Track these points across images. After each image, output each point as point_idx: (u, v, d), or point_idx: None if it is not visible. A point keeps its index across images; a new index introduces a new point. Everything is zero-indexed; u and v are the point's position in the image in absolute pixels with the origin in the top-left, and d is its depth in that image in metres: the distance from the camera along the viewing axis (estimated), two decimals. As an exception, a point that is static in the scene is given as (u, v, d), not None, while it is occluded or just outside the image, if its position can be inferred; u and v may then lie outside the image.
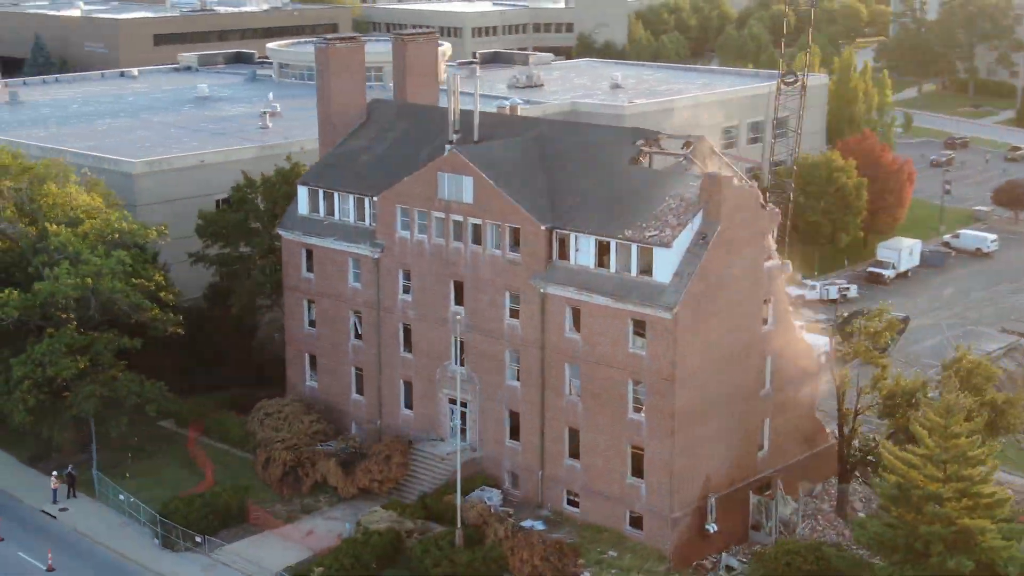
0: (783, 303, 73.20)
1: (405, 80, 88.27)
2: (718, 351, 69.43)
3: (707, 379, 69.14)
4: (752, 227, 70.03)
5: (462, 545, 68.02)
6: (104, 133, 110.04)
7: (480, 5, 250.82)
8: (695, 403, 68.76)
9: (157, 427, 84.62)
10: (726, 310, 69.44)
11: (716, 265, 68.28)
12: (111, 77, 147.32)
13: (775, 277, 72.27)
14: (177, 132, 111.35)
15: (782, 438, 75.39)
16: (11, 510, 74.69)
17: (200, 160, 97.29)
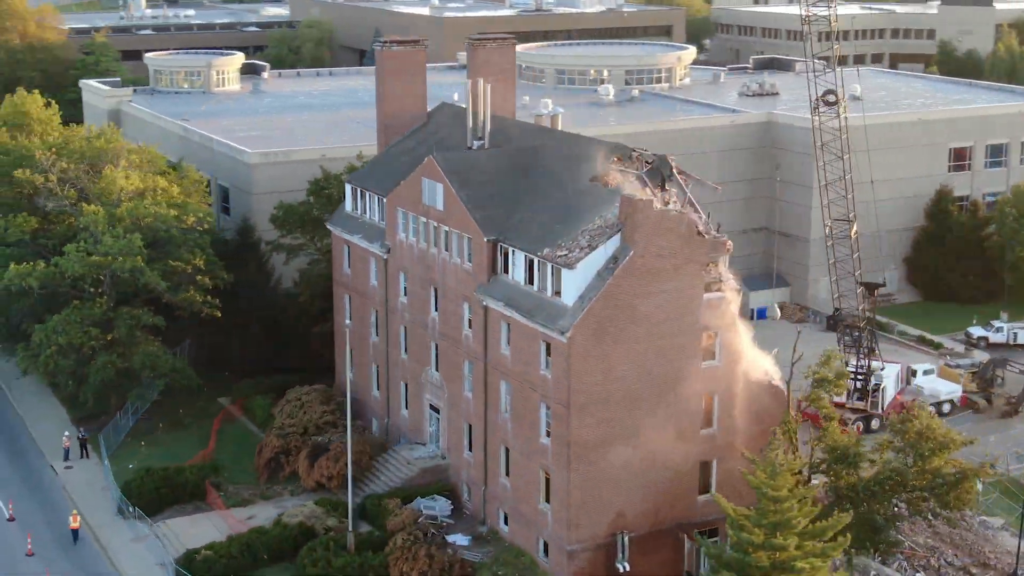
0: (735, 338, 68.00)
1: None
2: (632, 383, 65.66)
3: (616, 410, 65.56)
4: (681, 255, 65.55)
5: (352, 549, 68.37)
6: (285, 125, 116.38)
7: (842, 8, 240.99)
8: (598, 433, 65.47)
9: (216, 403, 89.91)
10: (645, 340, 65.55)
11: (627, 291, 64.63)
12: (367, 73, 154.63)
13: (721, 309, 67.29)
14: (355, 127, 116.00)
15: (738, 484, 69.99)
16: (28, 461, 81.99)
17: (322, 154, 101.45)
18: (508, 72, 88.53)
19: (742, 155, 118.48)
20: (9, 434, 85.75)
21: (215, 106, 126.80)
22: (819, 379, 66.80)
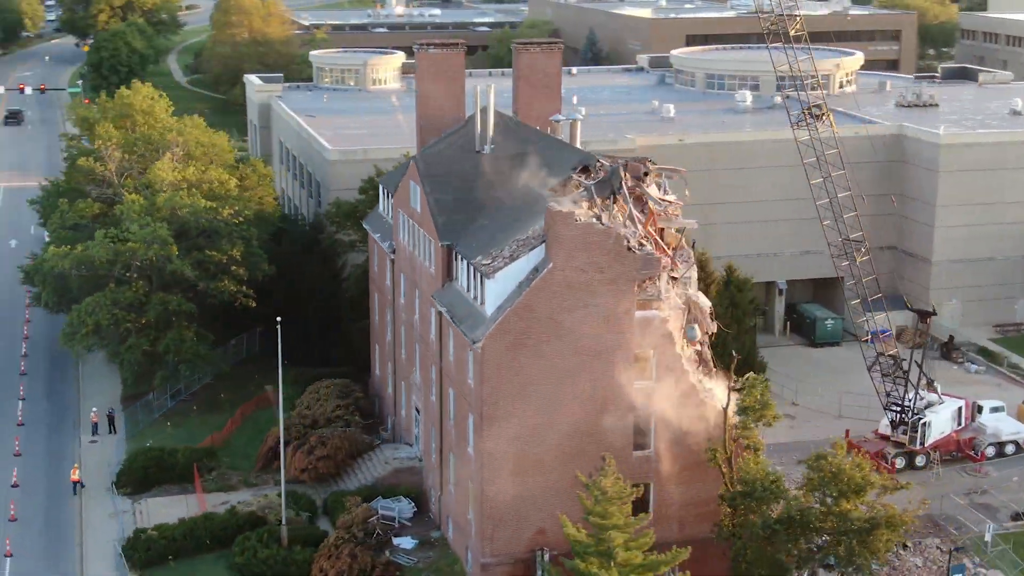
0: (674, 359, 65.31)
1: (519, 90, 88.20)
2: (555, 398, 64.09)
3: (536, 426, 64.15)
4: (609, 270, 63.46)
5: (284, 543, 69.48)
6: (398, 123, 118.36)
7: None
8: (515, 448, 64.25)
9: (263, 390, 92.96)
10: (569, 356, 63.85)
11: (546, 305, 63.14)
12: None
13: (657, 328, 64.77)
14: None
15: (681, 510, 67.33)
16: (62, 434, 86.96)
17: (403, 153, 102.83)
18: (553, 77, 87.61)
19: (867, 168, 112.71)
20: (61, 407, 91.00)
21: (346, 103, 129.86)
22: (743, 407, 63.29)
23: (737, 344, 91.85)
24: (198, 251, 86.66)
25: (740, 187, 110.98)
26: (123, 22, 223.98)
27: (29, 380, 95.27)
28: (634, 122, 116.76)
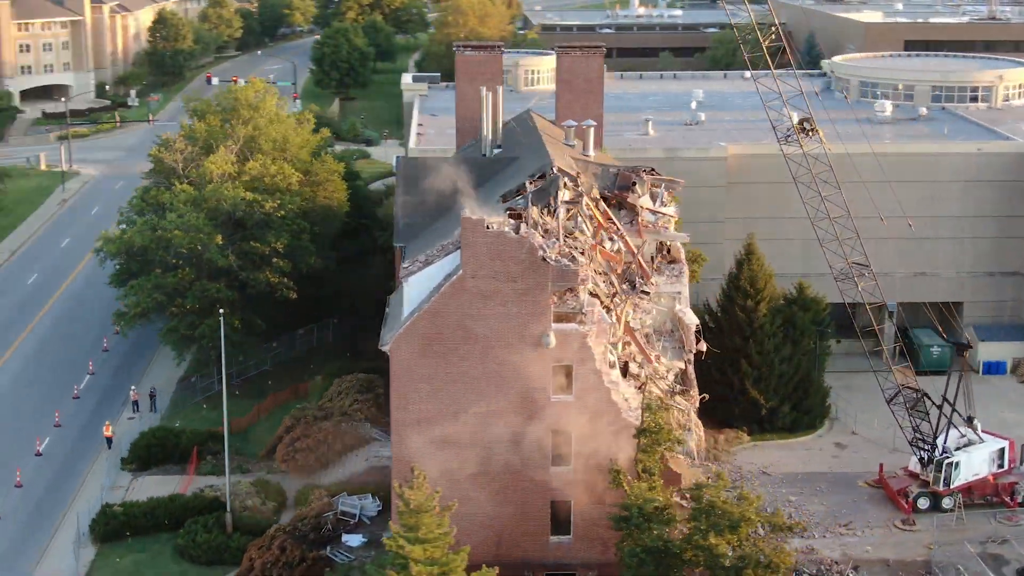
0: (592, 374, 63.25)
1: (559, 93, 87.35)
2: (468, 406, 63.24)
3: (450, 432, 63.47)
4: (522, 280, 62.12)
5: (228, 530, 71.13)
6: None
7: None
8: (428, 452, 63.72)
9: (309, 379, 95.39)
10: (481, 365, 62.92)
11: (457, 311, 62.42)
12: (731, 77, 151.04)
13: (574, 342, 62.89)
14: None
15: (605, 531, 65.05)
16: (106, 410, 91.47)
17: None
18: (595, 82, 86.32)
19: (990, 188, 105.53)
20: (122, 384, 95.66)
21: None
22: (640, 429, 60.56)
23: (787, 366, 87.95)
24: (243, 241, 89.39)
25: (850, 203, 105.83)
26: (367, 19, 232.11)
27: (107, 357, 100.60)
28: (748, 129, 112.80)
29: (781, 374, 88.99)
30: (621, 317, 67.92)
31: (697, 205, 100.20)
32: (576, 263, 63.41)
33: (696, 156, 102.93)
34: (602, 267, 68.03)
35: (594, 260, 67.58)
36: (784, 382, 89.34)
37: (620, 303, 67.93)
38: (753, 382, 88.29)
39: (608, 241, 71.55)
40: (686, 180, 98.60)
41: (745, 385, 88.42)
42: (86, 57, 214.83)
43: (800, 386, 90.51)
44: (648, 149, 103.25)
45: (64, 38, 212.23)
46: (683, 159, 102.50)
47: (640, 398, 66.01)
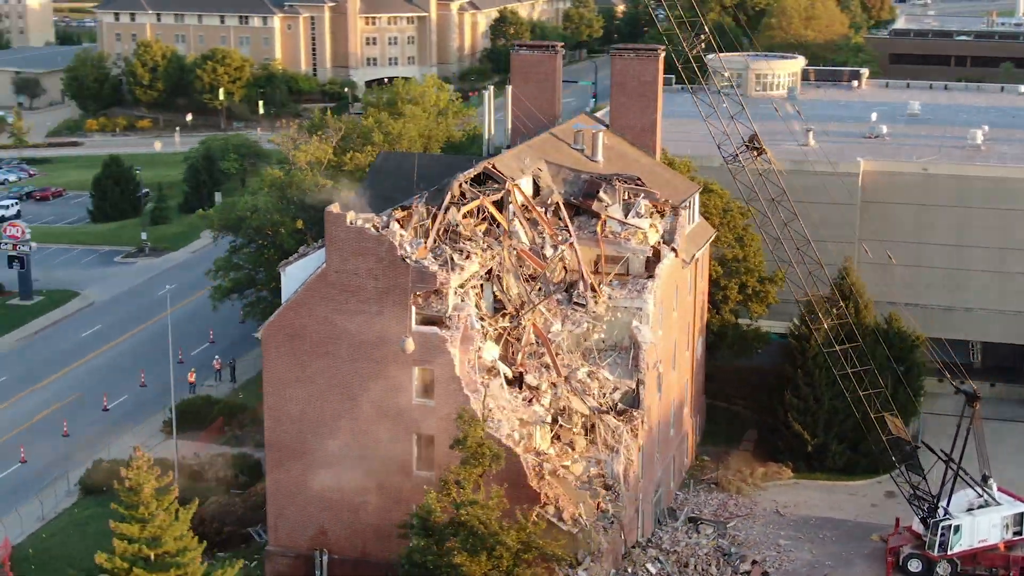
0: (453, 380, 61.66)
1: (613, 96, 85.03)
2: (333, 400, 63.48)
3: (319, 424, 63.96)
4: (383, 279, 61.54)
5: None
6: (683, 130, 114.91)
7: None
8: (296, 441, 64.61)
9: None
10: (347, 361, 62.96)
11: (323, 305, 62.76)
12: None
13: (435, 346, 61.57)
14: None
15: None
16: (198, 374, 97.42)
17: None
18: (650, 85, 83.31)
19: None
20: (223, 354, 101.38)
21: (686, 107, 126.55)
22: (454, 440, 58.15)
23: (841, 401, 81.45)
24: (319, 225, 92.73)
25: (995, 228, 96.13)
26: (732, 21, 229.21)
27: (222, 325, 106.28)
28: (933, 146, 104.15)
29: (833, 409, 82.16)
30: (526, 325, 65.68)
31: (825, 223, 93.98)
32: (452, 265, 62.06)
33: (824, 170, 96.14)
34: (513, 270, 65.93)
35: (504, 264, 65.77)
36: (838, 418, 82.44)
37: (528, 311, 65.68)
38: (798, 414, 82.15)
39: (550, 248, 69.27)
40: (813, 196, 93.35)
41: (789, 417, 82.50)
42: (430, 52, 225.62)
43: (860, 425, 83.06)
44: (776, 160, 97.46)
45: (410, 33, 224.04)
46: (809, 173, 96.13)
47: (529, 411, 63.78)
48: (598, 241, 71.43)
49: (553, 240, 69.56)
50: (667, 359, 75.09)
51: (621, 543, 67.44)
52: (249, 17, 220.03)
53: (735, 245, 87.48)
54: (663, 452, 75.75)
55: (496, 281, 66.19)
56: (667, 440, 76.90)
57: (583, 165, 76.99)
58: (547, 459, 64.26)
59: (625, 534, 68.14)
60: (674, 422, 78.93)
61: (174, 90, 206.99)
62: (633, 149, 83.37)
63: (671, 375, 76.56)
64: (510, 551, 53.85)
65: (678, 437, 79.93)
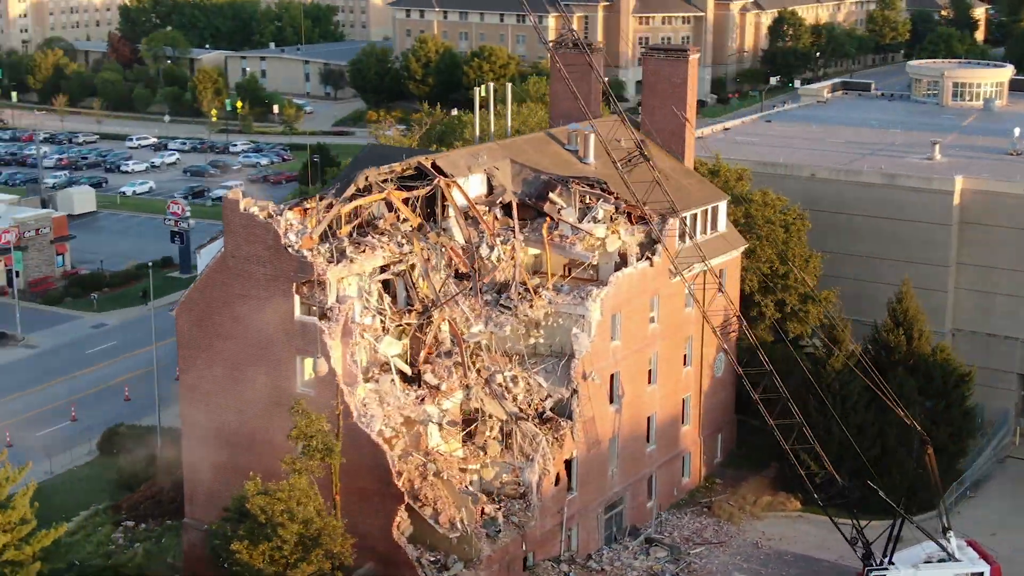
0: (329, 372, 61.89)
1: (644, 98, 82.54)
2: (235, 385, 65.05)
3: (224, 403, 65.57)
4: (271, 266, 62.49)
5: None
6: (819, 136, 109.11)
7: None
8: (205, 417, 66.47)
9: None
10: (244, 346, 64.37)
11: (222, 289, 64.36)
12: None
13: (314, 337, 61.99)
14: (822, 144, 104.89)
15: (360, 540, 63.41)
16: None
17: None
18: (680, 87, 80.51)
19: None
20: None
21: (860, 113, 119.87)
22: (295, 435, 58.06)
23: (854, 433, 76.38)
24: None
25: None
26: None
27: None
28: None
29: (843, 442, 76.44)
30: (436, 323, 65.06)
31: (917, 243, 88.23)
32: (340, 257, 62.40)
33: (916, 187, 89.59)
34: (424, 266, 65.42)
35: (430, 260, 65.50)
36: (851, 452, 76.62)
37: (436, 308, 65.04)
38: (803, 442, 76.83)
39: (487, 248, 68.25)
40: (905, 213, 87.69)
41: (795, 446, 77.30)
42: (705, 53, 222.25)
43: (877, 461, 77.07)
44: (862, 173, 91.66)
45: (684, 33, 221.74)
46: (901, 189, 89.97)
47: (418, 410, 63.27)
48: (544, 244, 69.61)
49: (491, 240, 68.37)
50: (634, 372, 72.18)
51: (521, 553, 65.51)
52: (525, 16, 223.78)
53: (774, 260, 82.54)
54: (626, 468, 72.79)
55: (409, 277, 65.81)
56: (637, 456, 73.85)
57: (568, 166, 75.06)
58: (435, 460, 63.42)
59: (530, 545, 66.16)
60: (657, 439, 75.68)
61: (447, 85, 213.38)
62: (653, 152, 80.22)
63: (644, 389, 73.47)
64: (289, 544, 53.69)
65: (663, 455, 76.47)
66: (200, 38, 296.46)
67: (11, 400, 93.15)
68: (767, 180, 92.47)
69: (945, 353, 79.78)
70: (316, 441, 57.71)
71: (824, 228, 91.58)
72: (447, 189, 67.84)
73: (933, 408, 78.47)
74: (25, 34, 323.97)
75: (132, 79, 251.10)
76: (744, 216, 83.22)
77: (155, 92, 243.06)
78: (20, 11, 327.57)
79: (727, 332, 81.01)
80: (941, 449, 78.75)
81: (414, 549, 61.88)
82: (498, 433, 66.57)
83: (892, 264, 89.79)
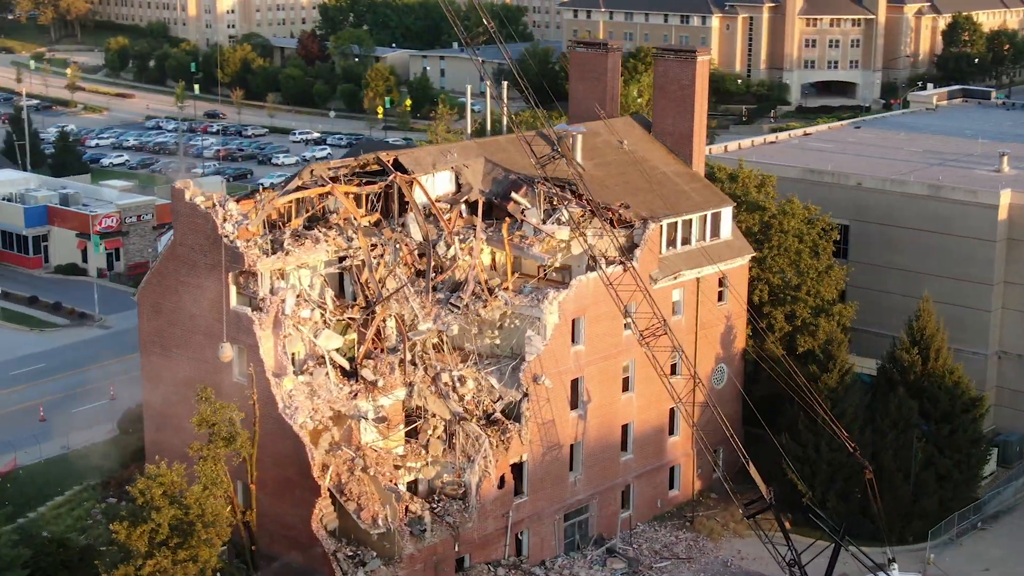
0: (258, 362, 62.62)
1: (656, 100, 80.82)
2: (182, 371, 66.36)
3: (173, 391, 67.02)
4: (210, 255, 63.68)
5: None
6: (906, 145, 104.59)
7: None
8: (162, 397, 68.05)
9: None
10: (190, 332, 65.83)
11: (173, 274, 65.98)
12: None
13: (245, 327, 62.85)
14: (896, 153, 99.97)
15: (283, 529, 64.22)
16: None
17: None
18: (688, 89, 78.63)
19: None
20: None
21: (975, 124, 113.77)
22: (196, 421, 58.78)
23: (843, 454, 73.46)
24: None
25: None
26: None
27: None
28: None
29: (831, 462, 73.38)
30: (378, 316, 65.08)
31: (961, 259, 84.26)
32: (276, 249, 63.16)
33: (961, 200, 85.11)
34: (370, 262, 65.50)
35: (384, 256, 65.75)
36: (842, 473, 73.57)
37: (378, 303, 65.10)
38: (795, 462, 73.99)
39: (444, 246, 67.98)
40: (949, 227, 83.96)
41: (782, 465, 74.45)
42: (874, 56, 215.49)
43: (869, 485, 73.50)
44: (908, 184, 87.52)
45: (855, 35, 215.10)
46: (946, 201, 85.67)
47: (349, 404, 63.50)
48: (503, 244, 68.81)
49: (448, 239, 67.99)
50: (603, 378, 70.66)
51: (453, 554, 64.91)
52: (690, 16, 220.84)
53: (786, 271, 79.43)
54: (592, 476, 71.31)
55: (356, 272, 66.01)
56: (608, 465, 72.21)
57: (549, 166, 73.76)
58: (364, 455, 63.47)
59: (467, 546, 65.50)
60: (635, 449, 73.86)
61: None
62: (659, 155, 78.50)
63: (616, 396, 71.81)
64: (164, 528, 54.47)
65: (643, 466, 74.51)
66: (391, 37, 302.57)
67: (67, 376, 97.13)
68: (814, 188, 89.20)
69: (956, 375, 75.37)
70: (219, 428, 58.51)
71: (869, 239, 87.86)
72: (405, 185, 67.73)
73: (935, 432, 74.24)
74: (232, 29, 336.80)
75: (313, 76, 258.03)
76: (760, 225, 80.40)
77: (334, 89, 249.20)
78: (228, 7, 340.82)
79: (730, 342, 78.62)
80: (944, 477, 74.70)
81: (332, 542, 62.05)
82: (442, 432, 66.14)
83: (935, 280, 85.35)
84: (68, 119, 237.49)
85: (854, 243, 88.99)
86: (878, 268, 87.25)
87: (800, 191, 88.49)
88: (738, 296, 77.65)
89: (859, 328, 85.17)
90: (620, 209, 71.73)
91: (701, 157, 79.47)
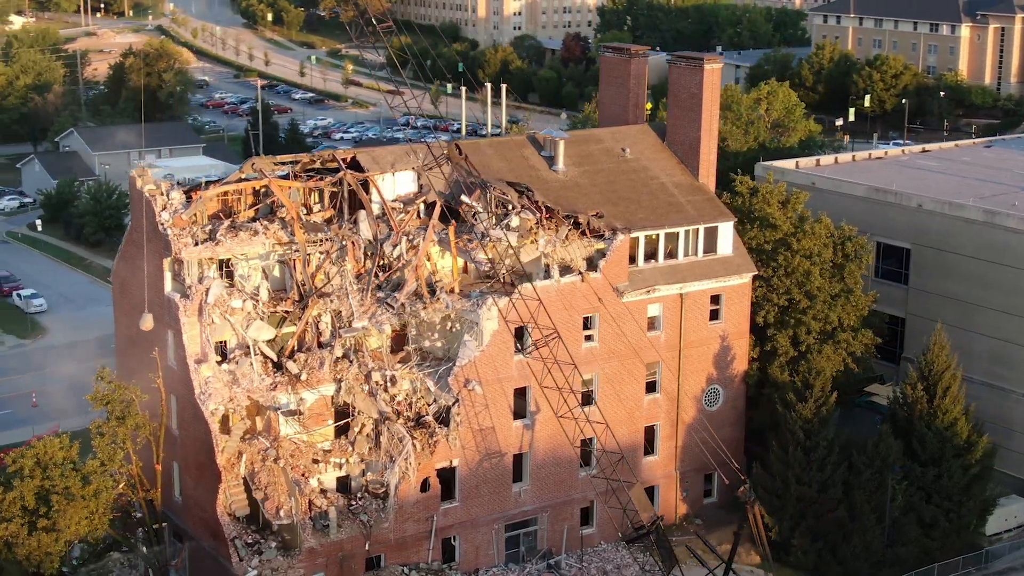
0: (180, 348, 64.79)
1: (669, 107, 78.43)
2: (140, 354, 69.02)
3: (126, 375, 69.66)
4: (153, 241, 66.14)
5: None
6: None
7: None
8: (131, 373, 70.95)
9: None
10: (139, 314, 68.47)
11: (132, 258, 68.84)
12: None
13: (172, 312, 64.98)
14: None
15: (198, 507, 66.40)
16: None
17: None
18: (696, 97, 76.26)
19: None
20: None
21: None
22: (90, 399, 61.02)
23: (813, 491, 70.21)
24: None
25: None
26: None
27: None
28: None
29: (800, 498, 69.56)
30: (308, 311, 66.11)
31: (1017, 292, 78.75)
32: (207, 239, 65.15)
33: (1014, 228, 78.82)
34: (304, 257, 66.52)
35: (330, 252, 66.86)
36: (812, 510, 69.67)
37: (308, 298, 66.16)
38: (766, 493, 70.46)
39: (391, 246, 68.37)
40: (1005, 257, 78.66)
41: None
42: None
43: (842, 524, 69.50)
44: (965, 207, 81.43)
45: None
46: (1000, 228, 79.57)
47: (268, 396, 64.85)
48: (452, 246, 68.36)
49: (395, 238, 68.23)
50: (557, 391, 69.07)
51: (363, 552, 65.14)
52: (939, 25, 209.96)
53: (793, 292, 75.25)
54: (541, 488, 69.91)
55: (292, 266, 67.09)
56: (561, 479, 70.59)
57: (529, 171, 72.78)
58: (280, 447, 64.60)
59: (382, 546, 65.60)
60: (600, 465, 71.72)
61: (835, 94, 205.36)
62: (664, 165, 76.05)
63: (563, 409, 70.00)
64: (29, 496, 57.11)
65: (605, 483, 72.13)
66: (661, 40, 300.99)
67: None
68: (877, 209, 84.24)
69: (950, 415, 69.57)
70: (112, 408, 60.94)
71: (926, 264, 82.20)
72: (355, 183, 68.33)
73: (920, 476, 68.81)
74: (518, 31, 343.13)
75: (567, 77, 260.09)
76: (773, 243, 76.49)
77: (582, 90, 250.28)
78: (515, 8, 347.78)
79: (727, 363, 75.32)
80: (931, 525, 69.20)
81: (234, 527, 63.50)
82: (371, 431, 66.46)
83: (988, 312, 79.06)
84: (334, 113, 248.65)
85: (914, 268, 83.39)
86: (932, 296, 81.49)
87: (863, 211, 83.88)
88: (735, 316, 74.20)
89: (909, 358, 79.97)
90: (591, 218, 69.95)
91: (710, 168, 76.28)
